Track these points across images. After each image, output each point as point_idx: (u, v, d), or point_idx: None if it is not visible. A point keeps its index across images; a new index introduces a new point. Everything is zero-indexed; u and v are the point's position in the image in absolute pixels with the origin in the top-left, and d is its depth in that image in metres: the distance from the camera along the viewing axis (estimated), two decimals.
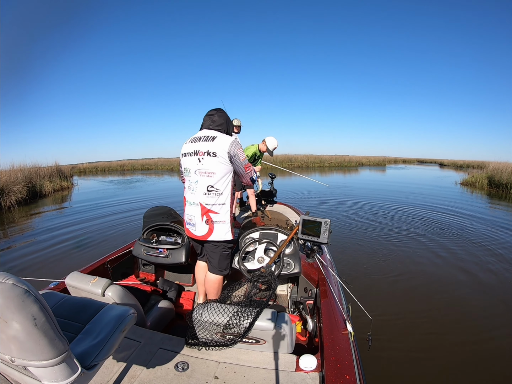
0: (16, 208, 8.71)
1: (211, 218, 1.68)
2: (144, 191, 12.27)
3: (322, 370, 1.15)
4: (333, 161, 28.25)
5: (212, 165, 1.63)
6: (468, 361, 2.12)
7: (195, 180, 1.68)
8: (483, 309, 2.83)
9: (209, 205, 1.66)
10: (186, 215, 1.79)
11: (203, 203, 1.67)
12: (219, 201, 1.68)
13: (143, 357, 1.31)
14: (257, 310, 1.31)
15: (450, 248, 4.53)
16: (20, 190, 9.42)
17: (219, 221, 1.70)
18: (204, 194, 1.66)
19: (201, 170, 1.66)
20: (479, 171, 14.72)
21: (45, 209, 8.88)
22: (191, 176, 1.71)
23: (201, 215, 1.68)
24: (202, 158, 1.65)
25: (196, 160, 1.67)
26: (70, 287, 1.55)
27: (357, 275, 3.51)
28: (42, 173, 12.33)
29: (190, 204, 1.74)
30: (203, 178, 1.66)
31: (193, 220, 1.72)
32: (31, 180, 10.93)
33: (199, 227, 1.71)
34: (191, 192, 1.71)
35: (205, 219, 1.68)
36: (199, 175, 1.67)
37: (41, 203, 9.92)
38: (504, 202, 9.51)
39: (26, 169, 11.53)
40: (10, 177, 9.69)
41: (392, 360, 2.13)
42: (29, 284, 0.70)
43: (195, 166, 1.68)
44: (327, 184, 3.93)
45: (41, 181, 11.59)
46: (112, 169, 28.61)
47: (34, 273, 3.36)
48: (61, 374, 0.80)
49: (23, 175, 10.62)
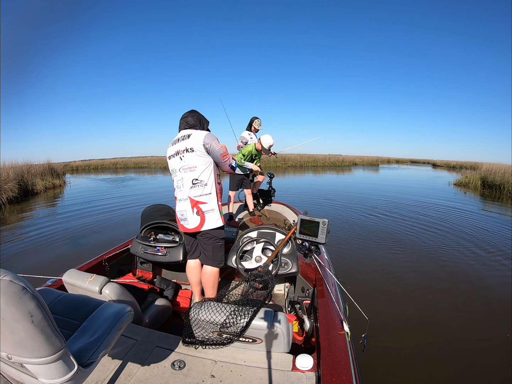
0: (7, 206, 8.55)
1: (201, 208, 1.78)
2: (137, 189, 12.15)
3: (318, 370, 1.16)
4: (326, 161, 28.34)
5: (192, 160, 1.74)
6: (466, 362, 2.14)
7: (180, 177, 1.80)
8: (482, 309, 2.85)
9: (197, 196, 1.77)
10: (177, 212, 1.88)
11: (191, 196, 1.76)
12: (205, 191, 1.78)
13: (139, 355, 1.30)
14: (254, 309, 1.31)
15: (449, 248, 4.57)
16: (12, 188, 9.26)
17: (209, 210, 1.79)
18: (191, 188, 1.76)
19: (184, 167, 1.77)
20: (472, 172, 14.93)
21: (37, 207, 8.74)
22: (177, 175, 1.82)
23: (191, 208, 1.78)
24: (183, 156, 1.77)
25: (178, 159, 1.79)
26: (67, 284, 1.55)
27: (355, 275, 3.53)
28: (34, 171, 12.12)
29: (180, 201, 1.83)
30: (187, 174, 1.77)
31: (185, 215, 1.81)
32: (22, 178, 10.74)
33: (191, 219, 1.79)
34: (179, 189, 1.82)
35: (195, 210, 1.78)
36: (183, 172, 1.78)
37: (33, 201, 9.76)
38: (497, 202, 9.70)
39: (18, 167, 11.34)
40: (2, 175, 9.53)
41: (389, 360, 2.14)
42: (26, 281, 0.70)
43: (178, 165, 1.80)
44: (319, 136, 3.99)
45: (33, 179, 11.39)
46: (105, 168, 28.26)
47: (31, 270, 3.30)
48: (57, 371, 0.79)
49: (15, 173, 10.44)
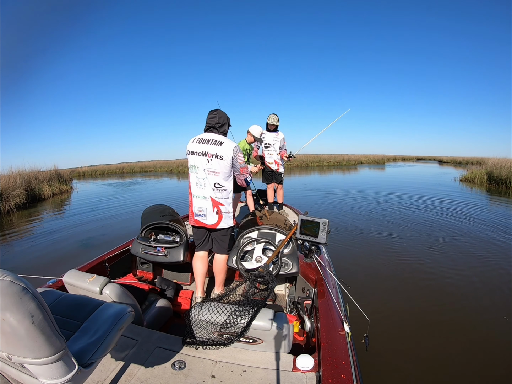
0: (15, 212, 8.71)
1: (220, 209, 2.01)
2: (143, 193, 12.26)
3: (319, 370, 1.16)
4: (332, 160, 28.23)
5: (219, 166, 1.94)
6: (467, 362, 2.11)
7: (203, 177, 1.97)
8: (484, 309, 2.82)
9: (218, 198, 1.99)
10: (195, 207, 2.03)
11: (213, 197, 1.97)
12: (224, 195, 2.01)
13: (140, 356, 1.31)
14: (254, 309, 1.32)
15: (450, 248, 4.52)
16: (19, 194, 9.42)
17: (226, 211, 2.03)
18: (213, 190, 1.97)
19: (209, 170, 1.95)
20: (478, 167, 14.68)
21: (44, 212, 8.89)
22: (199, 173, 1.98)
23: (212, 207, 1.99)
24: (211, 159, 1.94)
25: (205, 160, 1.95)
26: (68, 285, 1.55)
27: (355, 275, 3.51)
28: (41, 177, 12.32)
29: (199, 198, 2.00)
30: (211, 176, 1.96)
31: (204, 211, 2.00)
32: (30, 184, 10.92)
33: (210, 217, 2.00)
34: (199, 187, 1.98)
35: (215, 210, 2.00)
36: (207, 173, 1.96)
37: (40, 206, 9.93)
38: (503, 197, 9.54)
39: (25, 174, 11.53)
40: (9, 182, 9.69)
41: (389, 360, 2.13)
42: (27, 282, 0.71)
43: (203, 165, 1.96)
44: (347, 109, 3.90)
45: (40, 186, 11.58)
46: (112, 172, 28.58)
47: (32, 270, 3.35)
48: (58, 371, 0.80)
49: (22, 179, 10.62)
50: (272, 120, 3.87)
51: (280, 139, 3.94)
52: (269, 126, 3.92)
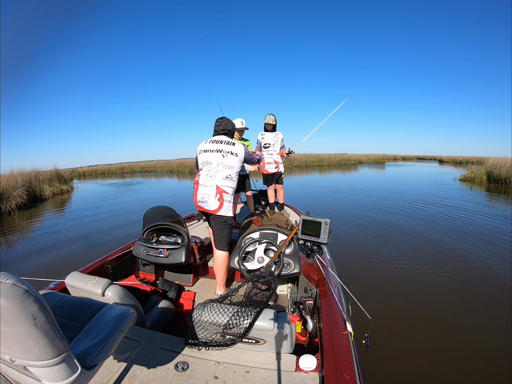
0: (16, 212, 8.72)
1: (223, 196, 2.15)
2: (143, 193, 12.28)
3: (322, 370, 1.15)
4: (332, 160, 28.20)
5: (233, 161, 2.20)
6: (469, 362, 2.10)
7: (216, 170, 2.17)
8: (486, 309, 2.81)
9: (223, 186, 2.15)
10: (199, 194, 2.18)
11: (219, 185, 2.14)
12: (230, 184, 2.19)
13: (143, 357, 1.31)
14: (257, 310, 1.31)
15: (451, 248, 4.51)
16: (20, 195, 9.43)
17: (228, 200, 2.17)
18: (222, 179, 2.16)
19: (224, 164, 2.18)
20: (478, 167, 14.68)
21: (45, 212, 8.88)
22: (213, 166, 2.19)
23: (215, 193, 2.13)
24: (226, 155, 2.19)
25: (220, 156, 2.19)
26: (70, 287, 1.55)
27: (357, 275, 3.50)
28: (42, 177, 12.33)
29: (204, 186, 2.16)
30: (225, 169, 2.17)
31: (206, 198, 2.14)
32: (30, 184, 10.94)
33: (212, 202, 2.13)
34: (210, 177, 2.17)
35: (218, 196, 2.13)
36: (221, 166, 2.18)
37: (41, 207, 9.93)
38: (503, 196, 9.53)
39: (26, 174, 11.53)
40: (10, 182, 9.70)
41: (393, 360, 2.12)
42: (29, 284, 0.70)
43: (218, 160, 2.18)
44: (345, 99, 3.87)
45: (40, 186, 11.59)
46: (112, 172, 28.61)
47: (34, 273, 3.35)
48: (60, 374, 0.80)
49: (23, 179, 10.62)
50: (269, 120, 3.87)
51: (280, 139, 3.94)
52: (267, 126, 3.91)
